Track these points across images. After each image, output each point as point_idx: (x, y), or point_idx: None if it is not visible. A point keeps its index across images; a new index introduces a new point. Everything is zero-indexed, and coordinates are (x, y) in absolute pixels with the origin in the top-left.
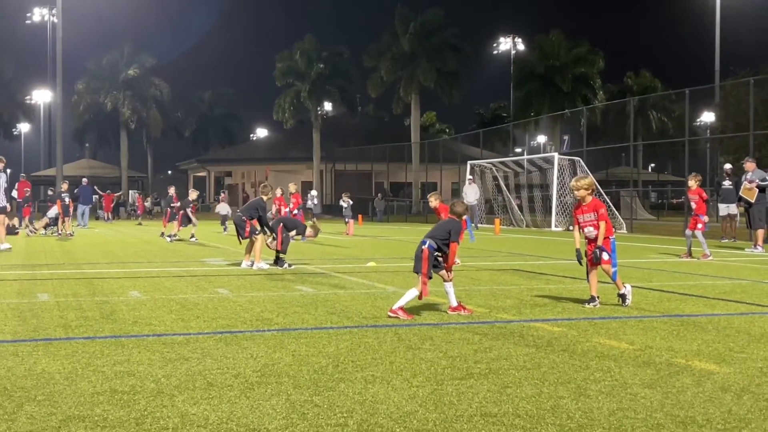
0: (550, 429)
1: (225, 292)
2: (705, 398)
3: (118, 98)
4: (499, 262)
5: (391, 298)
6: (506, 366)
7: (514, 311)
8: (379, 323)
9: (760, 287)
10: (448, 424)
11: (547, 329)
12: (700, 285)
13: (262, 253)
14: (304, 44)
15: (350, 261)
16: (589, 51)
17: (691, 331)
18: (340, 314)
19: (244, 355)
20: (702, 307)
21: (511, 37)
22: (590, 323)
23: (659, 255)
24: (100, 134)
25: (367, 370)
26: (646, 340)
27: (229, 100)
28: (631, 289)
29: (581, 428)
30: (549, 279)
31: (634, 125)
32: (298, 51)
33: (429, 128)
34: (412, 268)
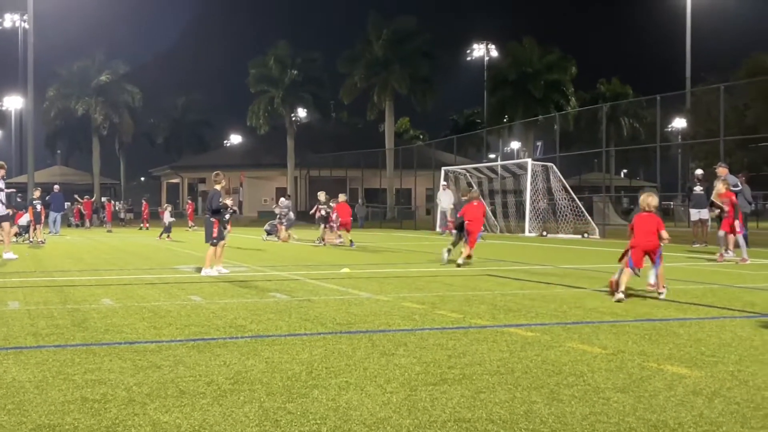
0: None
1: (198, 299)
2: (677, 402)
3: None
4: (474, 267)
5: (365, 304)
6: (480, 371)
7: (488, 317)
8: (353, 329)
9: (731, 292)
10: (421, 429)
11: (520, 334)
12: (672, 290)
13: (219, 259)
14: (278, 50)
15: (324, 267)
16: (561, 58)
17: (663, 335)
18: (313, 321)
19: (216, 362)
20: (674, 312)
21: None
22: (563, 328)
23: None
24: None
25: (340, 377)
26: (618, 344)
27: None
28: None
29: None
30: (523, 284)
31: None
32: (272, 57)
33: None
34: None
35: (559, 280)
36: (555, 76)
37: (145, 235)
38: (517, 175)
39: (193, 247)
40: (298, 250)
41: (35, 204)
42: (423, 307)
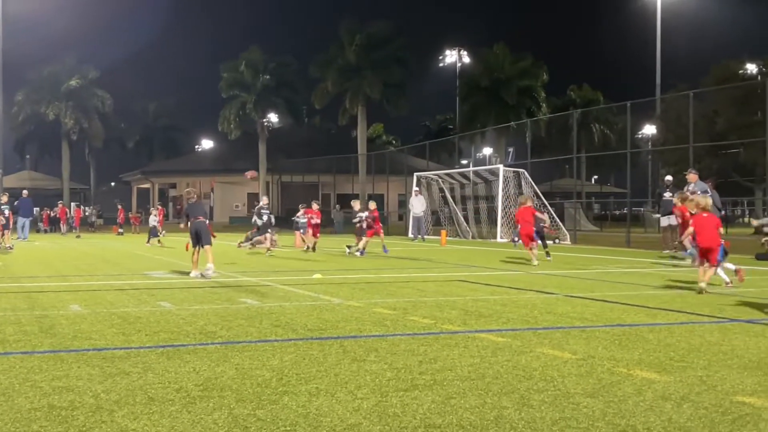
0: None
1: (168, 305)
2: (646, 407)
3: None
4: (445, 273)
5: (337, 310)
6: (451, 377)
7: (460, 322)
8: (325, 335)
9: (700, 297)
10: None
11: (491, 340)
12: (641, 295)
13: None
14: (250, 55)
15: (296, 273)
16: (533, 64)
17: (633, 340)
18: (284, 327)
19: (186, 368)
20: (644, 317)
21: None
22: (534, 333)
23: (602, 266)
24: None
25: (311, 383)
26: (588, 349)
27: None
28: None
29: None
30: (494, 290)
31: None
32: (244, 62)
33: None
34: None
35: (530, 286)
36: (527, 83)
37: (116, 241)
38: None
39: (170, 254)
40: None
41: (3, 209)
42: (394, 313)
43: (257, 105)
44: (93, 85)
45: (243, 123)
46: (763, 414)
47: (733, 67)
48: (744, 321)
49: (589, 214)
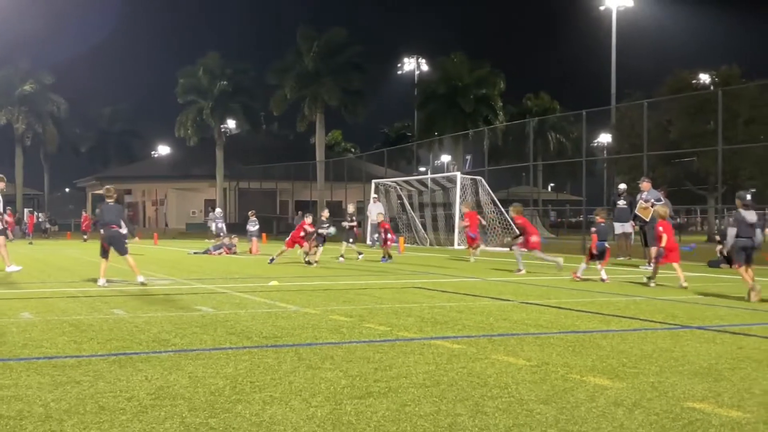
0: None
1: (121, 313)
2: (598, 413)
3: (12, 113)
4: (402, 280)
5: (293, 318)
6: (406, 384)
7: (416, 329)
8: (280, 343)
9: (654, 304)
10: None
11: (447, 347)
12: (596, 302)
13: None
14: (208, 61)
15: (252, 280)
16: (490, 73)
17: (587, 347)
18: (239, 334)
19: (138, 377)
20: (597, 324)
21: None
22: (489, 340)
23: (558, 273)
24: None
25: (265, 391)
26: (542, 356)
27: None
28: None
29: None
30: (451, 297)
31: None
32: (201, 67)
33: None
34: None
35: (485, 293)
36: (484, 91)
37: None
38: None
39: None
40: (226, 263)
41: None
42: (351, 320)
43: (214, 111)
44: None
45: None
46: (712, 420)
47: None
48: (695, 327)
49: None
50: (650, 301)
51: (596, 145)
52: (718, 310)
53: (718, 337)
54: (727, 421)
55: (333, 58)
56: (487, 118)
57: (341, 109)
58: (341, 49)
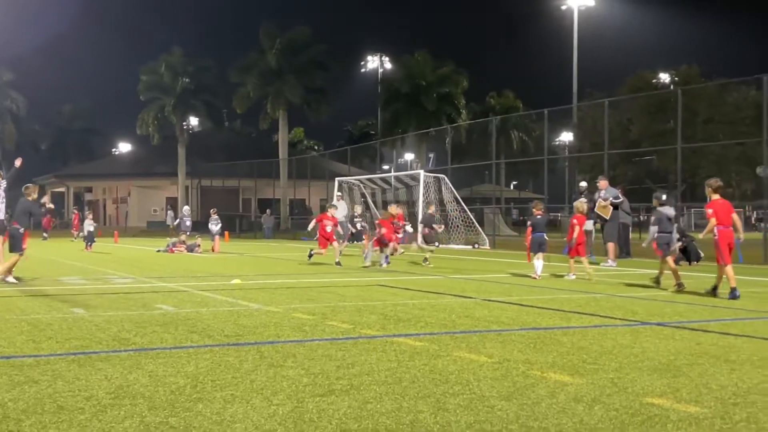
0: None
1: (81, 312)
2: (558, 409)
3: None
4: (366, 278)
5: (255, 316)
6: (368, 381)
7: (378, 327)
8: (242, 341)
9: (613, 300)
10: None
11: (409, 344)
12: (557, 299)
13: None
14: (170, 58)
15: (214, 278)
16: (453, 71)
17: (548, 343)
18: (201, 333)
19: (97, 376)
20: (558, 320)
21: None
22: (451, 337)
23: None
24: None
25: (226, 390)
26: (504, 353)
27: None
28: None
29: None
30: (414, 294)
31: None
32: (164, 64)
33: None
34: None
35: (448, 290)
36: (447, 89)
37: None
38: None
39: (79, 259)
40: (188, 262)
41: None
42: (314, 318)
43: (177, 108)
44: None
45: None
46: (671, 415)
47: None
48: (654, 324)
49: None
50: (610, 298)
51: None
52: (677, 306)
53: (677, 334)
54: (685, 416)
55: (296, 57)
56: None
57: (304, 107)
58: (304, 48)
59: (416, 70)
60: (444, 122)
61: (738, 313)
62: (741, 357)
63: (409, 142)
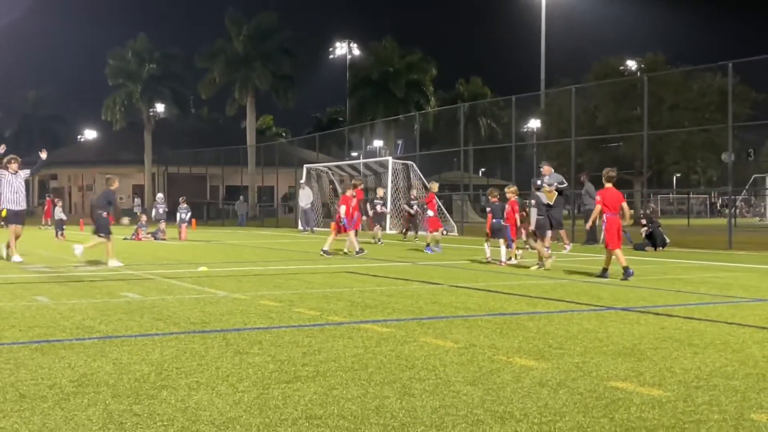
0: (373, 429)
1: (44, 300)
2: (523, 393)
3: None
4: (334, 264)
5: (221, 303)
6: (334, 368)
7: (345, 313)
8: (207, 329)
9: (579, 286)
10: (271, 428)
11: (376, 330)
12: (523, 285)
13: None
14: (137, 44)
15: (181, 266)
16: (421, 59)
17: (513, 328)
18: (166, 320)
19: (61, 364)
20: (524, 306)
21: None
22: (418, 323)
23: None
24: None
25: (191, 377)
26: (470, 338)
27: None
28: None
29: (404, 427)
30: (381, 281)
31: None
32: (130, 50)
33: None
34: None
35: (416, 276)
36: (416, 76)
37: None
38: (378, 173)
39: (46, 247)
40: (154, 249)
41: None
42: (280, 305)
43: (143, 95)
44: None
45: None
46: (634, 398)
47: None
48: (620, 309)
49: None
50: (576, 283)
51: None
52: (641, 291)
53: (641, 318)
54: (648, 399)
55: (263, 43)
56: (419, 104)
57: (272, 93)
58: (271, 34)
59: (384, 57)
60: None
61: (702, 297)
62: (704, 341)
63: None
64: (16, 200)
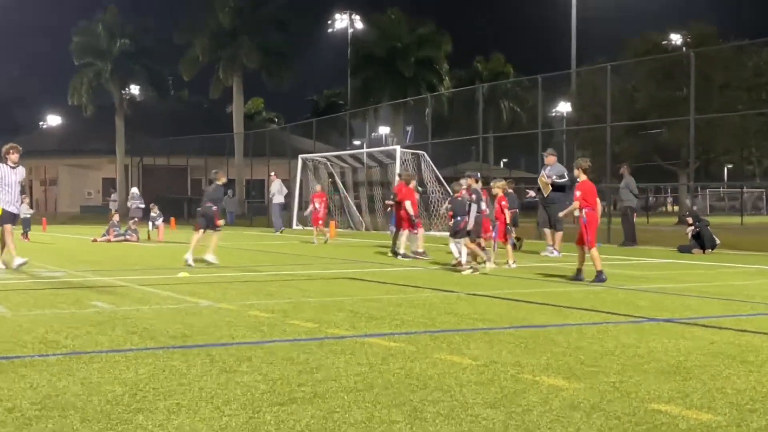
0: None
1: (2, 311)
2: (552, 418)
3: None
4: (333, 270)
5: (205, 314)
6: (334, 388)
7: (347, 325)
8: (189, 343)
9: (615, 294)
10: None
11: (383, 345)
12: (552, 292)
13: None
14: (107, 16)
15: (158, 271)
16: (434, 32)
17: (541, 343)
18: (142, 334)
19: (21, 384)
20: (553, 317)
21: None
22: (431, 337)
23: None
24: None
25: (171, 398)
26: (491, 354)
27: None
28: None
29: None
30: (388, 288)
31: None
32: (99, 24)
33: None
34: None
35: (428, 283)
36: (427, 53)
37: None
38: (384, 165)
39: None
40: (127, 252)
41: None
42: (273, 316)
43: (114, 74)
44: None
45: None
46: (679, 423)
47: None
48: (662, 320)
49: None
50: (611, 290)
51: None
52: (687, 300)
53: (687, 331)
54: (696, 424)
55: (252, 15)
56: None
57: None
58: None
59: (391, 30)
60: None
61: (756, 307)
62: (759, 357)
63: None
64: (11, 200)
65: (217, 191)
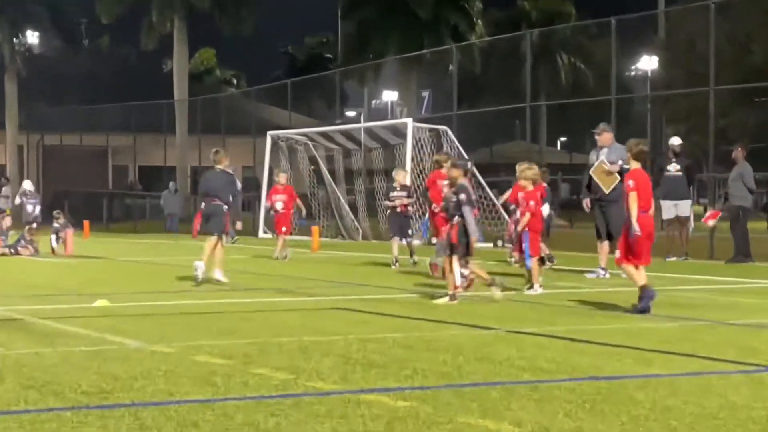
0: None
1: None
2: None
3: None
4: (317, 296)
5: (133, 360)
6: None
7: (336, 376)
8: (110, 402)
9: (720, 333)
10: None
11: (388, 404)
12: (630, 329)
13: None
14: None
15: (66, 298)
16: None
17: (614, 402)
18: (42, 388)
19: None
20: (631, 365)
21: None
22: (456, 393)
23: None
24: None
25: None
26: (541, 418)
27: None
28: None
29: None
30: (393, 322)
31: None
32: None
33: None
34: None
35: (454, 317)
36: None
37: None
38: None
39: None
40: (23, 271)
41: None
42: (230, 363)
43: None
44: None
45: None
46: None
47: None
48: None
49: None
50: (715, 327)
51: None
52: None
53: None
54: None
55: None
56: (457, 31)
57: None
58: None
59: None
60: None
61: None
62: None
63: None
64: None
65: (218, 179)
